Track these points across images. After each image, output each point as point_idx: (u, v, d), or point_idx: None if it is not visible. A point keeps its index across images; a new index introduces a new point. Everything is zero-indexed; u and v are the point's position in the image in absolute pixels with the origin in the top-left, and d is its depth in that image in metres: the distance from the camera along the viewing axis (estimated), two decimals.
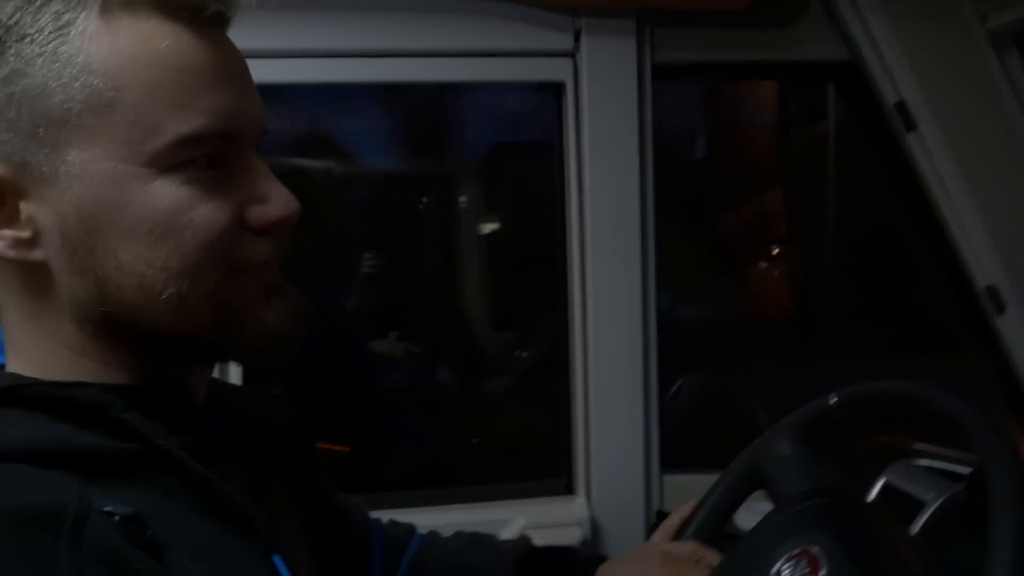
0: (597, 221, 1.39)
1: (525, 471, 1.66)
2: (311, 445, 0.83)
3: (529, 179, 1.75)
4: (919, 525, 1.03)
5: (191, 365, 0.63)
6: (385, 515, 1.04)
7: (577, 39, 1.36)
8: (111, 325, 0.56)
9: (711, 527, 1.02)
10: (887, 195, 1.50)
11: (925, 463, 1.14)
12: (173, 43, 0.54)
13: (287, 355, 0.61)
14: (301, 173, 1.48)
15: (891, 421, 1.06)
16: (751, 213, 1.66)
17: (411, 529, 1.01)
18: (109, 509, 0.49)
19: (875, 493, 1.13)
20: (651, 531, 1.42)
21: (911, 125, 1.36)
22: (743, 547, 0.90)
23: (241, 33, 0.60)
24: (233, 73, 0.57)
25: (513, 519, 1.41)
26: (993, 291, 1.38)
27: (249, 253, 0.58)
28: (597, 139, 1.37)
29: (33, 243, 0.55)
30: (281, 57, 1.25)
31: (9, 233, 0.54)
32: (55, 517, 0.47)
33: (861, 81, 1.40)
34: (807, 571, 0.79)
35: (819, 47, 1.41)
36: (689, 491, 1.41)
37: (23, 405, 0.53)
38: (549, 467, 1.56)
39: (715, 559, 0.92)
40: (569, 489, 1.48)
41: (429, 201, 1.93)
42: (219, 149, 0.56)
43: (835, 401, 0.98)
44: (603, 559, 0.96)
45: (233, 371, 1.27)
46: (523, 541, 0.98)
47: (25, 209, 0.54)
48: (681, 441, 1.57)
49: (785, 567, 0.81)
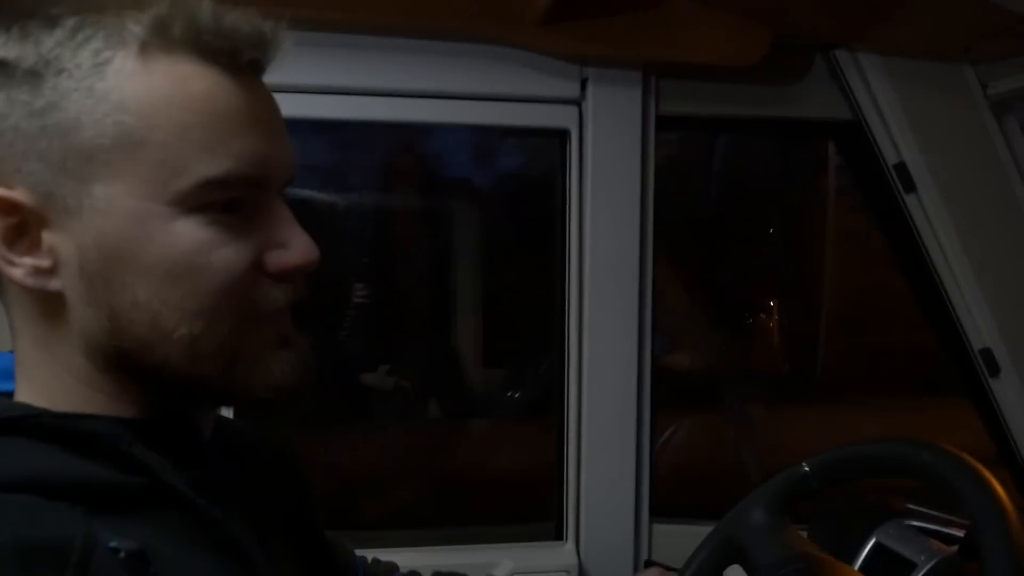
0: (596, 266, 1.40)
1: (514, 514, 1.65)
2: (305, 484, 0.83)
3: (535, 217, 1.76)
4: None
5: (194, 405, 0.63)
6: (371, 554, 1.04)
7: (584, 88, 1.37)
8: (120, 360, 0.56)
9: None
10: (884, 254, 1.51)
11: (918, 524, 1.14)
12: (207, 87, 0.55)
13: (289, 402, 0.61)
14: (307, 206, 1.49)
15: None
16: (748, 265, 1.67)
17: (393, 567, 1.01)
18: (114, 545, 0.49)
19: (866, 552, 1.13)
20: None
21: (910, 187, 1.38)
22: None
23: None
24: (264, 119, 0.58)
25: (501, 563, 1.40)
26: (987, 354, 1.39)
27: (264, 299, 0.58)
28: (599, 186, 1.39)
29: (52, 272, 0.55)
30: (289, 92, 1.26)
31: (29, 261, 0.55)
32: (61, 552, 0.46)
33: (862, 141, 1.42)
34: None
35: (822, 106, 1.43)
36: (678, 540, 1.41)
37: (31, 435, 0.53)
38: (538, 511, 1.56)
39: None
40: (558, 534, 1.47)
41: (425, 236, 1.94)
42: (243, 193, 0.57)
43: (807, 469, 0.99)
44: None
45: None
46: None
47: (47, 239, 0.55)
48: (671, 489, 1.57)
49: None
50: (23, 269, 0.55)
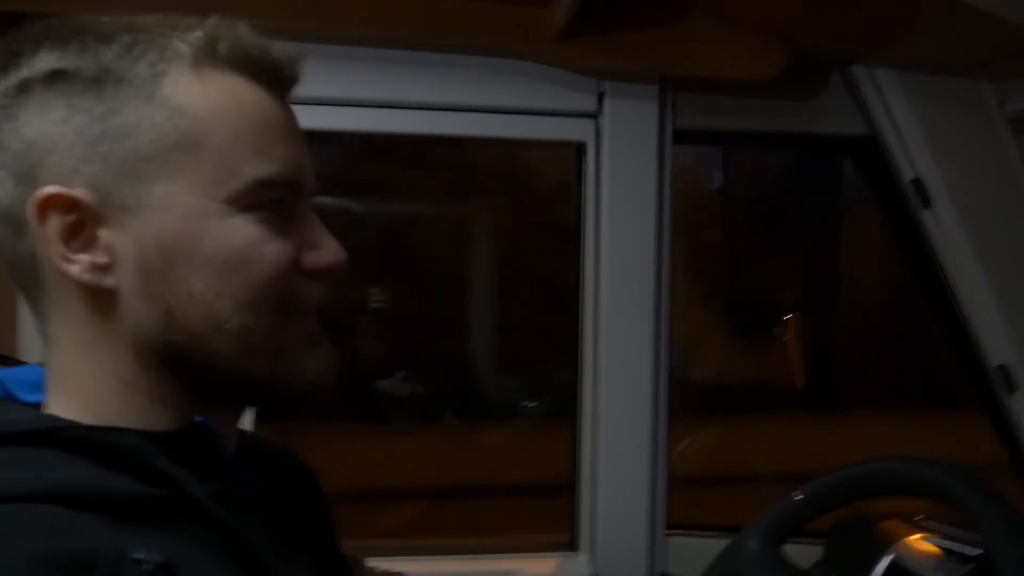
0: (612, 278, 1.40)
1: (528, 524, 1.66)
2: (324, 498, 0.84)
3: (552, 226, 1.77)
4: None
5: (236, 404, 0.65)
6: (388, 564, 1.04)
7: (601, 101, 1.38)
8: (170, 354, 0.58)
9: None
10: (900, 269, 1.51)
11: (933, 541, 1.14)
12: (255, 98, 0.60)
13: (321, 403, 0.64)
14: (323, 212, 1.50)
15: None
16: (765, 278, 1.67)
17: None
18: (140, 557, 0.50)
19: (881, 569, 1.13)
20: None
21: (927, 202, 1.38)
22: None
23: None
24: (297, 132, 0.63)
25: (515, 573, 1.41)
26: (1005, 370, 1.38)
27: (302, 294, 0.62)
28: (616, 199, 1.39)
29: (108, 269, 0.57)
30: (313, 104, 1.28)
31: (86, 258, 0.57)
32: (90, 564, 0.48)
33: (879, 156, 1.42)
34: None
35: (839, 121, 1.44)
36: (693, 552, 1.42)
37: (59, 447, 0.54)
38: (552, 521, 1.56)
39: None
40: (572, 545, 1.48)
41: (444, 244, 1.95)
42: (284, 196, 0.60)
43: (800, 498, 1.01)
44: None
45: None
46: None
47: (104, 236, 0.57)
48: (686, 501, 1.57)
49: None
50: (80, 266, 0.57)
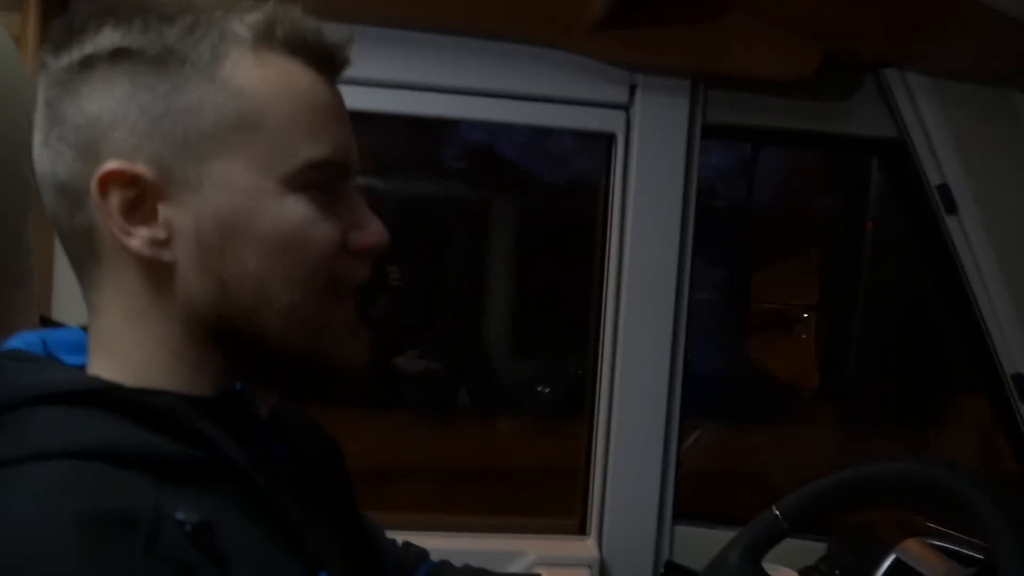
0: (634, 269, 1.42)
1: (538, 507, 1.68)
2: (344, 467, 0.86)
3: (571, 216, 1.78)
4: None
5: (276, 380, 0.66)
6: (398, 536, 1.07)
7: (632, 93, 1.39)
8: (220, 329, 0.60)
9: None
10: (921, 273, 1.52)
11: (937, 543, 1.15)
12: (310, 82, 0.61)
13: (355, 385, 0.66)
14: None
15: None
16: (785, 276, 1.68)
17: (424, 554, 1.03)
18: (180, 517, 0.52)
19: (884, 569, 1.15)
20: None
21: (952, 208, 1.39)
22: None
23: None
24: (345, 115, 0.65)
25: (523, 553, 1.43)
26: (1020, 379, 1.39)
27: (347, 274, 0.64)
28: (643, 191, 1.41)
29: (166, 244, 0.59)
30: (350, 84, 1.30)
31: (146, 232, 0.58)
32: (132, 521, 0.49)
33: (906, 160, 1.42)
34: None
35: (868, 123, 1.44)
36: (699, 543, 1.44)
37: (102, 407, 0.56)
38: (561, 505, 1.59)
39: None
40: (581, 529, 1.50)
41: (464, 226, 1.96)
42: (334, 177, 0.62)
43: (777, 513, 1.02)
44: None
45: None
46: None
47: (163, 212, 0.59)
48: (694, 492, 1.59)
49: None
50: (140, 240, 0.58)
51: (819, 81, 1.35)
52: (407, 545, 1.04)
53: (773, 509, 1.03)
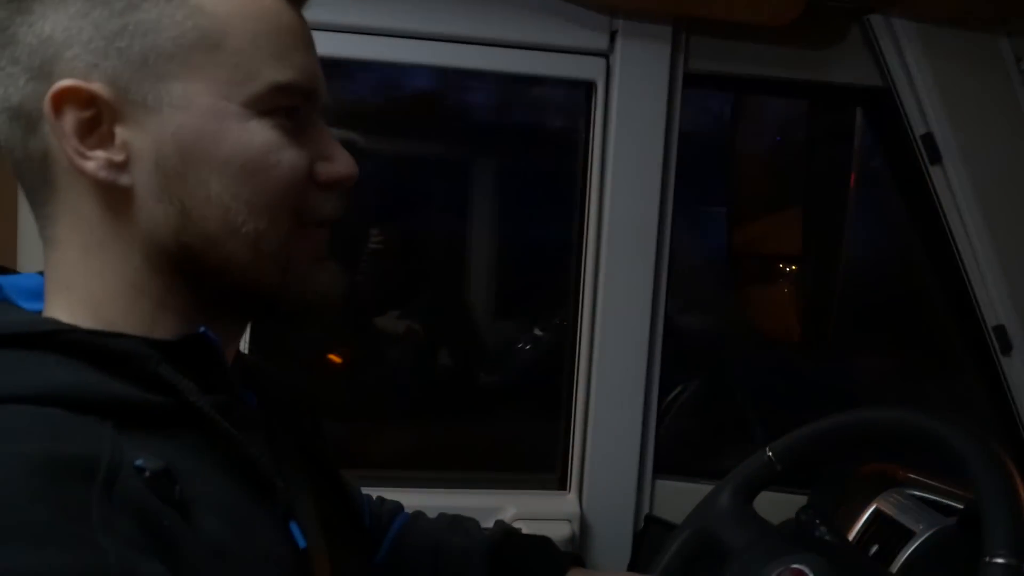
0: (615, 222, 1.39)
1: (518, 462, 1.67)
2: (318, 420, 0.84)
3: (549, 171, 1.76)
4: (907, 554, 1.05)
5: (243, 313, 0.65)
6: (376, 492, 1.05)
7: (612, 40, 1.36)
8: (182, 257, 0.58)
9: None
10: (904, 223, 1.50)
11: (918, 493, 1.15)
12: (274, 4, 0.60)
13: (329, 319, 0.64)
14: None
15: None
16: (765, 227, 1.66)
17: (398, 507, 1.03)
18: (140, 464, 0.50)
19: (865, 519, 1.15)
20: (639, 535, 1.44)
21: (936, 158, 1.37)
22: (733, 567, 0.92)
23: None
24: (311, 42, 0.63)
25: (503, 508, 1.43)
26: (1001, 331, 1.39)
27: (316, 205, 0.62)
28: (623, 141, 1.38)
29: (124, 167, 0.57)
30: (325, 31, 1.26)
31: (103, 154, 0.56)
32: (88, 467, 0.47)
33: (890, 109, 1.40)
34: None
35: (853, 71, 1.42)
36: (680, 497, 1.43)
37: (60, 351, 0.54)
38: (542, 460, 1.58)
39: None
40: (562, 484, 1.49)
41: (444, 184, 1.93)
42: (299, 104, 0.61)
43: (770, 454, 1.01)
44: (578, 557, 0.97)
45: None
46: (499, 527, 0.99)
47: (120, 134, 0.57)
48: (676, 446, 1.59)
49: None
50: (96, 162, 0.56)
51: (803, 28, 1.32)
52: (381, 500, 1.03)
53: (766, 451, 1.01)
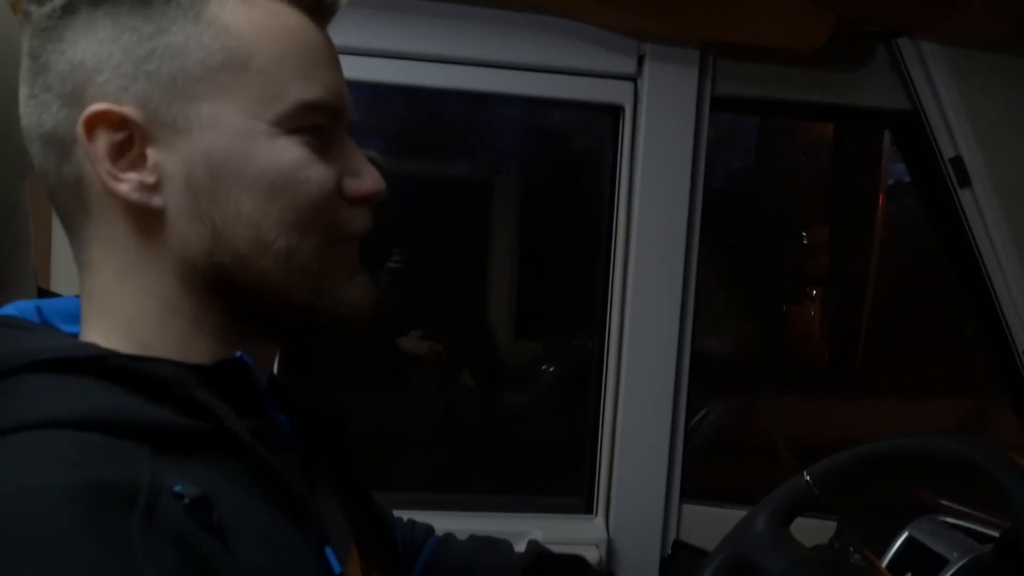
0: (642, 245, 1.39)
1: (545, 485, 1.66)
2: (352, 442, 0.84)
3: (577, 193, 1.76)
4: None
5: (278, 330, 0.65)
6: (403, 515, 1.05)
7: (640, 64, 1.37)
8: (215, 276, 0.59)
9: None
10: (934, 247, 1.49)
11: (952, 520, 1.14)
12: (299, 23, 0.61)
13: (365, 331, 0.64)
14: None
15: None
16: (795, 252, 1.66)
17: (429, 529, 1.02)
18: (179, 489, 0.50)
19: (898, 546, 1.13)
20: (667, 560, 1.43)
21: (965, 181, 1.36)
22: None
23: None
24: (337, 59, 0.64)
25: (530, 532, 1.41)
26: None
27: (345, 221, 0.62)
28: (651, 164, 1.38)
29: (156, 189, 0.57)
30: (352, 55, 1.27)
31: (135, 177, 0.57)
32: (129, 493, 0.47)
33: (919, 132, 1.40)
34: None
35: (881, 94, 1.41)
36: (707, 522, 1.42)
37: (100, 375, 0.54)
38: (569, 484, 1.57)
39: None
40: (588, 508, 1.48)
41: (468, 205, 1.94)
42: (326, 121, 0.61)
43: (808, 479, 0.99)
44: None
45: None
46: (533, 547, 0.98)
47: (152, 155, 0.57)
48: (702, 470, 1.58)
49: None
50: (129, 184, 0.57)
51: (831, 52, 1.32)
52: (412, 522, 1.03)
53: (804, 475, 1.00)
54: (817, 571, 0.89)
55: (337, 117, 0.62)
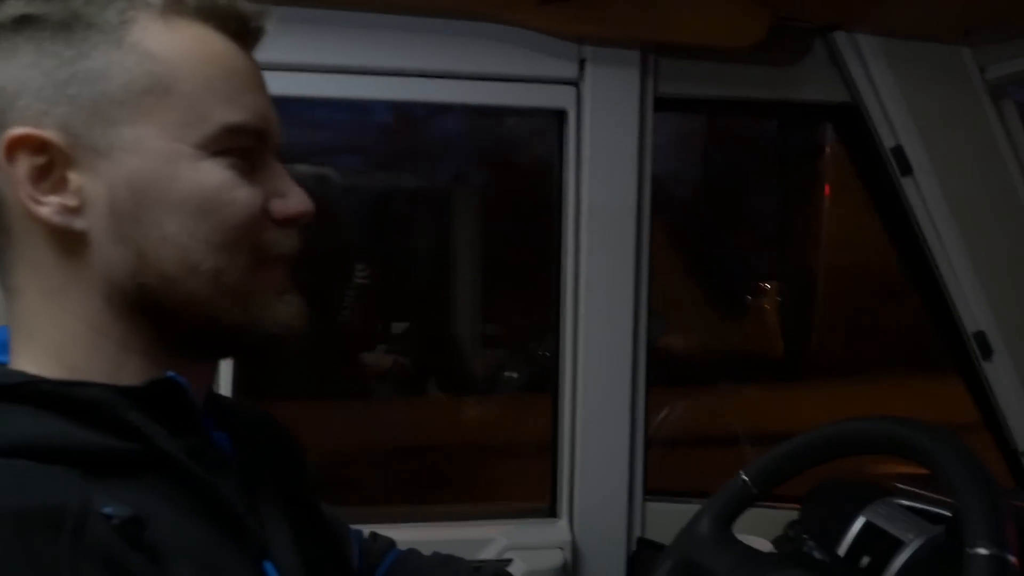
0: (592, 248, 1.40)
1: (508, 491, 1.66)
2: (300, 457, 0.84)
3: (533, 199, 1.77)
4: (898, 564, 1.04)
5: (207, 350, 0.65)
6: (367, 528, 1.04)
7: (582, 68, 1.37)
8: (141, 298, 0.59)
9: None
10: (879, 237, 1.52)
11: (906, 503, 1.15)
12: (223, 48, 0.61)
13: (293, 350, 0.65)
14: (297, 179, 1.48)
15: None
16: (743, 248, 1.68)
17: (390, 544, 1.02)
18: (108, 511, 0.50)
19: (855, 531, 1.15)
20: (632, 558, 1.43)
21: (907, 170, 1.39)
22: None
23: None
24: (263, 84, 0.64)
25: (495, 539, 1.41)
26: (981, 337, 1.39)
27: (272, 242, 0.63)
28: (597, 167, 1.39)
29: (78, 212, 0.57)
30: (290, 71, 1.27)
31: (56, 200, 0.57)
32: (56, 518, 0.47)
33: (859, 124, 1.42)
34: None
35: (820, 88, 1.43)
36: (671, 519, 1.42)
37: (28, 402, 0.54)
38: (532, 489, 1.57)
39: None
40: (552, 512, 1.49)
41: (424, 216, 1.94)
42: (252, 144, 0.62)
43: (745, 479, 1.01)
44: None
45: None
46: (490, 567, 0.99)
47: (74, 179, 0.57)
48: (669, 468, 1.58)
49: None
50: (50, 207, 0.57)
51: (769, 48, 1.34)
52: (374, 535, 1.02)
53: (741, 475, 1.01)
54: (763, 566, 0.90)
55: (263, 140, 0.63)
